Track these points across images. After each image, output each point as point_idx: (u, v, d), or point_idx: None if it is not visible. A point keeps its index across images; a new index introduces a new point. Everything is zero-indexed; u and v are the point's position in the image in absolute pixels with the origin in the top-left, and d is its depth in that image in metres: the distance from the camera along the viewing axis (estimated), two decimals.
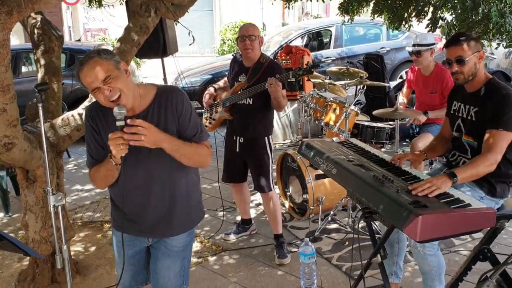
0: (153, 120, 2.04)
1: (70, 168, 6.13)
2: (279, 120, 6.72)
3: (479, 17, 3.73)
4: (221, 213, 4.44)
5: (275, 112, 3.80)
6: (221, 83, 3.93)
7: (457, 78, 2.63)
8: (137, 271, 2.34)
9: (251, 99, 3.49)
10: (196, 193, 2.33)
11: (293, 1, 5.66)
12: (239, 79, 3.60)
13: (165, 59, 6.05)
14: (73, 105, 5.74)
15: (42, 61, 3.53)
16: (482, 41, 3.98)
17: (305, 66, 3.33)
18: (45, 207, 3.11)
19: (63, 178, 3.50)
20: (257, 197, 4.53)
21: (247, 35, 3.45)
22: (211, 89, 3.83)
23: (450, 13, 4.29)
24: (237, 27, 15.11)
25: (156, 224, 2.22)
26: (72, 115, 3.27)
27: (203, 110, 3.92)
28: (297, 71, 3.30)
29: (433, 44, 4.33)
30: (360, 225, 3.93)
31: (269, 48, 8.49)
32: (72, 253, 3.68)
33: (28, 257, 3.43)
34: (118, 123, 1.89)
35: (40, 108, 2.32)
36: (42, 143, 2.38)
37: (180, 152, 2.06)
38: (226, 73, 5.97)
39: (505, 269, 2.75)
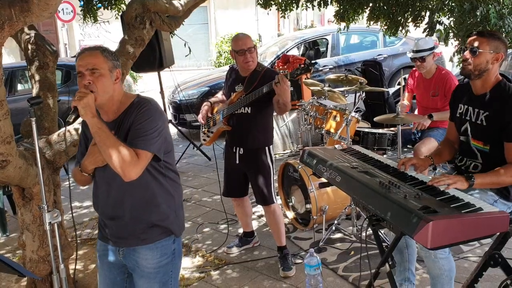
0: (121, 127, 2.10)
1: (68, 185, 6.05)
2: (278, 130, 6.66)
3: (478, 19, 3.69)
4: (222, 226, 4.36)
5: (274, 122, 3.73)
6: (218, 95, 3.86)
7: (464, 67, 2.57)
8: None
9: (249, 108, 3.42)
10: (166, 207, 2.19)
11: (288, 11, 5.64)
12: (236, 89, 3.54)
13: (162, 73, 6.04)
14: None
15: (37, 77, 3.48)
16: None
17: (302, 65, 3.26)
18: (42, 226, 3.03)
19: (61, 195, 3.43)
20: (259, 209, 4.45)
21: (246, 48, 3.36)
22: (207, 105, 3.76)
23: (447, 16, 4.26)
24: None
25: (118, 231, 2.17)
26: (68, 131, 3.21)
27: (202, 128, 3.85)
28: (295, 71, 3.20)
29: (434, 47, 4.31)
30: (366, 234, 3.85)
31: (266, 58, 8.47)
32: (71, 271, 3.59)
33: (25, 278, 3.34)
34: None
35: (34, 122, 2.26)
36: (37, 159, 2.31)
37: (102, 137, 1.99)
38: (224, 85, 5.90)
39: None
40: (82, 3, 5.05)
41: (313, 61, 3.19)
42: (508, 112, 2.43)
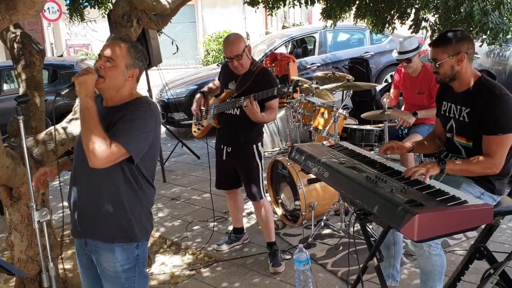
0: (114, 115, 2.10)
1: (57, 185, 6.01)
2: (267, 128, 6.68)
3: (462, 16, 3.73)
4: (212, 224, 4.37)
5: None
6: (211, 85, 3.81)
7: (436, 77, 2.64)
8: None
9: (238, 109, 3.43)
10: (132, 211, 2.14)
11: (276, 9, 5.65)
12: (229, 86, 3.54)
13: (149, 72, 6.02)
14: (57, 121, 5.64)
15: (23, 76, 3.45)
16: None
17: (289, 83, 3.22)
18: (30, 225, 3.02)
19: (50, 195, 3.41)
20: (249, 206, 4.47)
21: (233, 56, 3.34)
22: (199, 97, 3.73)
23: (433, 13, 4.30)
24: (221, 37, 15.10)
25: (83, 225, 2.17)
26: (56, 129, 3.19)
27: (193, 119, 3.85)
28: (280, 89, 3.14)
29: (419, 47, 4.35)
30: (354, 229, 3.89)
31: (254, 56, 8.46)
32: (60, 271, 3.58)
33: (14, 278, 3.32)
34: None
35: (21, 121, 2.25)
36: (24, 158, 2.30)
37: (86, 116, 1.99)
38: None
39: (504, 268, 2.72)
40: (68, 2, 5.01)
41: (299, 85, 3.17)
42: (487, 106, 2.47)
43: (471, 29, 3.94)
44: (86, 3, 4.97)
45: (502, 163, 2.48)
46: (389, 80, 8.46)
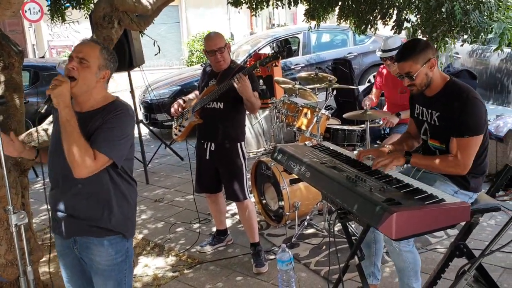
0: (90, 122, 2.08)
1: (39, 188, 5.94)
2: (251, 128, 6.68)
3: (443, 16, 3.78)
4: (195, 226, 4.36)
5: (247, 120, 3.74)
6: (191, 96, 3.84)
7: (411, 89, 2.63)
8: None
9: (221, 103, 3.43)
10: (120, 210, 2.17)
11: (259, 9, 5.66)
12: (210, 84, 3.55)
13: (133, 72, 5.98)
14: (38, 124, 5.57)
15: (2, 78, 3.40)
16: (447, 39, 4.03)
17: (270, 54, 3.29)
18: (9, 229, 2.97)
19: (30, 198, 3.37)
20: (233, 207, 4.46)
21: (216, 48, 3.39)
22: (179, 101, 3.75)
23: (415, 14, 4.35)
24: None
25: (67, 220, 2.17)
26: (37, 131, 3.15)
27: (173, 121, 3.83)
28: (263, 60, 3.24)
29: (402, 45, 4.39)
30: (337, 228, 3.91)
31: (238, 57, 8.48)
32: (42, 274, 3.54)
33: None
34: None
35: None
36: (1, 160, 2.27)
37: (67, 129, 1.98)
38: (196, 84, 5.89)
39: (481, 263, 2.76)
40: (49, 2, 4.95)
41: (280, 50, 3.22)
42: (456, 109, 2.50)
43: (452, 28, 4.00)
44: (68, 4, 4.92)
45: (469, 164, 2.52)
46: (372, 81, 8.53)
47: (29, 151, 2.38)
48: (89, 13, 4.88)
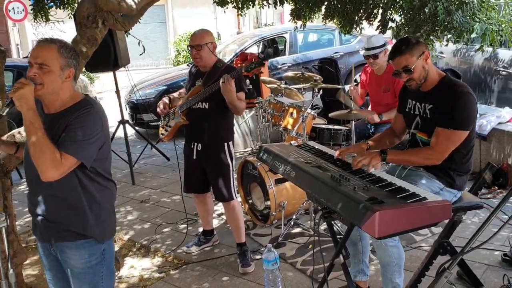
0: (58, 123, 2.04)
1: (23, 189, 5.87)
2: (238, 128, 6.68)
3: (427, 16, 3.82)
4: (182, 226, 4.34)
5: (234, 119, 3.73)
6: (176, 94, 3.83)
7: (410, 84, 2.66)
8: None
9: (207, 103, 3.42)
10: (88, 212, 2.11)
11: (245, 9, 5.66)
12: (196, 84, 3.54)
13: (119, 73, 5.94)
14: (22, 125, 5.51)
15: None
16: (431, 38, 4.07)
17: (256, 60, 3.29)
18: None
19: (14, 200, 3.33)
20: (220, 207, 4.46)
21: (193, 44, 3.40)
22: (165, 99, 3.74)
23: (399, 14, 4.38)
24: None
25: (43, 229, 2.15)
26: (19, 132, 3.11)
27: (161, 120, 3.82)
28: (249, 65, 3.24)
29: (385, 44, 4.44)
30: (323, 227, 3.93)
31: (225, 56, 8.47)
32: (26, 277, 3.51)
33: None
34: None
35: None
36: None
37: (31, 132, 1.93)
38: (182, 84, 5.86)
39: (464, 261, 2.80)
40: (32, 1, 4.90)
41: (266, 55, 3.21)
42: (448, 101, 2.55)
43: (436, 28, 4.04)
44: (51, 3, 4.87)
45: (443, 156, 2.55)
46: (359, 80, 8.57)
47: (9, 146, 2.38)
48: (73, 13, 4.85)
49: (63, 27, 6.15)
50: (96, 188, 2.14)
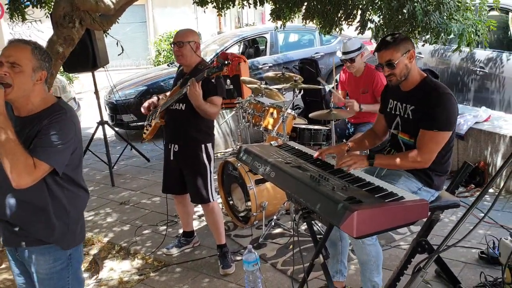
0: (30, 128, 1.99)
1: None
2: (219, 128, 6.65)
3: (405, 17, 3.86)
4: (162, 228, 4.30)
5: (215, 120, 3.71)
6: (168, 94, 3.79)
7: (390, 79, 2.67)
8: None
9: (184, 105, 3.39)
10: (55, 220, 2.07)
11: (225, 9, 5.64)
12: (177, 84, 3.53)
13: (97, 73, 5.86)
14: None
15: None
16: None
17: (215, 65, 3.27)
18: None
19: None
20: (200, 208, 4.43)
21: (175, 41, 3.40)
22: (153, 98, 3.71)
23: (378, 14, 4.42)
24: (172, 37, 14.90)
25: (7, 234, 2.11)
26: None
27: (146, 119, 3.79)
28: (210, 69, 3.21)
29: (361, 47, 4.47)
30: (304, 227, 3.94)
31: (206, 56, 8.43)
32: (1, 282, 3.44)
33: None
34: None
35: None
36: None
37: (2, 138, 1.85)
38: (162, 84, 5.82)
39: (442, 259, 2.83)
40: (8, 0, 4.80)
41: (226, 62, 3.19)
42: (430, 103, 2.57)
43: (414, 29, 4.09)
44: (28, 3, 4.79)
45: (431, 158, 2.58)
46: (339, 80, 8.63)
47: None
48: (50, 12, 4.77)
49: (40, 27, 6.05)
50: (66, 195, 2.09)
